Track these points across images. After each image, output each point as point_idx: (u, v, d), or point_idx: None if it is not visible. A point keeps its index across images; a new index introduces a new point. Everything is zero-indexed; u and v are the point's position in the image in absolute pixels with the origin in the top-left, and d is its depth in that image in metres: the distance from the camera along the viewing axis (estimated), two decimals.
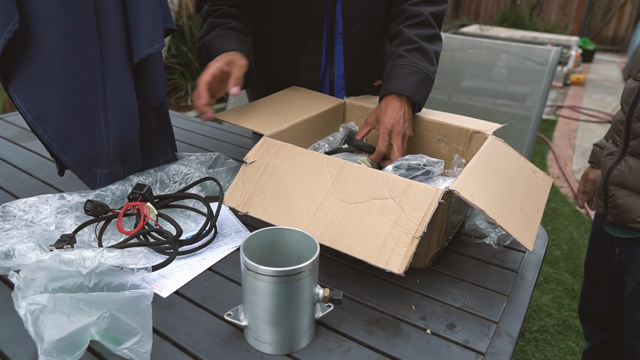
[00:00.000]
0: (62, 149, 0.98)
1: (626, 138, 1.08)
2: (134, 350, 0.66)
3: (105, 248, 0.77)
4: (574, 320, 2.12)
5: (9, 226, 0.84)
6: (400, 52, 1.16)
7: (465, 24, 8.78)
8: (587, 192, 1.37)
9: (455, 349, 0.73)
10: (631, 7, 8.69)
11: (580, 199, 1.40)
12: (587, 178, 1.36)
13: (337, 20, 1.27)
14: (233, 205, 0.90)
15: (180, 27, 4.73)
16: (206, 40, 1.18)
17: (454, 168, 1.07)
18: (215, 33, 1.18)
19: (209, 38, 1.17)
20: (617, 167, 1.10)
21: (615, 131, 1.12)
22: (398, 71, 1.12)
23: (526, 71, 2.18)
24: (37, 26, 0.88)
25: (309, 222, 0.83)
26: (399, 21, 1.23)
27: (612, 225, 1.16)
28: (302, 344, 0.73)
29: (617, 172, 1.10)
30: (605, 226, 1.19)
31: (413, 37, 1.17)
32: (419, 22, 1.20)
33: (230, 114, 1.11)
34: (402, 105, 1.09)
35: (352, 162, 0.88)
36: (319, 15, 1.24)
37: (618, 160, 1.10)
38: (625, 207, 1.08)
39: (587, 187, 1.36)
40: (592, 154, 1.35)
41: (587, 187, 1.36)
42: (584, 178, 1.37)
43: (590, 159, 1.35)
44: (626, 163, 1.08)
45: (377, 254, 0.76)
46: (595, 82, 6.46)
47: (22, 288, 0.70)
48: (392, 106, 1.08)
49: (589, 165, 1.36)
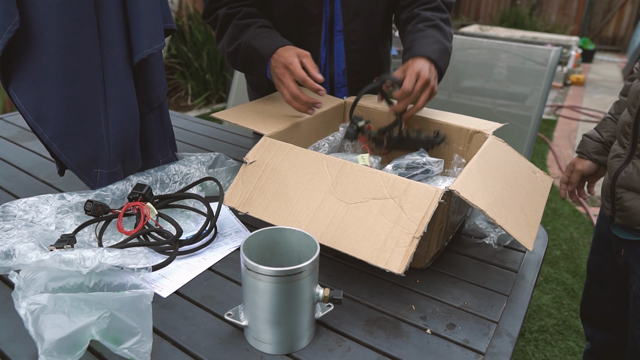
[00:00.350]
0: (62, 149, 0.98)
1: (634, 140, 1.06)
2: (134, 350, 0.66)
3: (105, 248, 0.77)
4: (574, 320, 2.12)
5: (9, 226, 0.84)
6: (419, 27, 1.18)
7: (465, 24, 8.78)
8: (571, 182, 1.33)
9: (455, 349, 0.73)
10: (631, 7, 8.69)
11: (562, 189, 1.36)
12: (574, 168, 1.31)
13: (337, 18, 1.28)
14: (233, 205, 0.90)
15: (180, 27, 4.73)
16: (243, 41, 1.16)
17: (454, 168, 1.07)
18: (252, 33, 1.17)
19: (247, 39, 1.16)
20: (624, 169, 1.08)
21: (623, 133, 1.10)
22: (420, 41, 1.14)
23: (526, 71, 2.18)
24: (38, 26, 0.88)
25: (309, 222, 0.83)
26: (413, 7, 1.26)
27: (620, 228, 1.15)
28: (302, 344, 0.73)
29: (624, 174, 1.08)
30: (613, 228, 1.17)
31: (430, 16, 1.21)
32: (433, 6, 1.25)
33: (230, 113, 1.10)
34: (429, 63, 1.09)
35: (353, 162, 0.88)
36: (316, 13, 1.25)
37: (625, 162, 1.09)
38: (633, 209, 1.07)
39: (572, 177, 1.32)
40: (581, 144, 1.31)
41: (573, 178, 1.32)
42: (570, 168, 1.33)
43: (579, 149, 1.31)
44: (634, 166, 1.06)
45: (377, 254, 0.76)
46: (595, 82, 6.46)
47: (23, 288, 0.71)
48: (419, 60, 1.08)
49: (576, 156, 1.32)
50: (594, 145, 1.27)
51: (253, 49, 1.15)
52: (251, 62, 1.16)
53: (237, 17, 1.21)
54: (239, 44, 1.18)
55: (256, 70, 1.17)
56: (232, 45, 1.20)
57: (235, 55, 1.20)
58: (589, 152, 1.28)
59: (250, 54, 1.16)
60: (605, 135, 1.25)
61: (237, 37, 1.19)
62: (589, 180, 1.34)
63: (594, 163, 1.28)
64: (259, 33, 1.16)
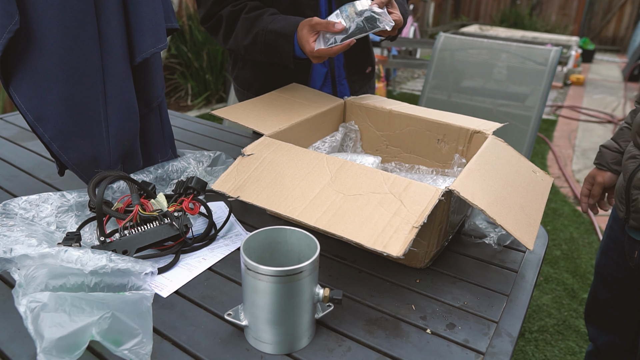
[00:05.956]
0: (62, 149, 0.98)
1: None
2: (135, 352, 0.66)
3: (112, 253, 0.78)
4: (574, 320, 2.12)
5: (12, 222, 0.84)
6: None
7: (465, 24, 8.78)
8: (593, 195, 1.30)
9: (455, 349, 0.73)
10: (631, 7, 8.69)
11: (584, 202, 1.33)
12: (595, 181, 1.28)
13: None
14: (225, 190, 0.86)
15: (180, 27, 4.72)
16: (261, 29, 1.18)
17: (454, 168, 1.07)
18: (267, 20, 1.18)
19: (264, 26, 1.18)
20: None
21: (639, 134, 1.08)
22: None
23: (526, 71, 2.18)
24: (38, 26, 0.88)
25: (304, 208, 0.80)
26: None
27: (634, 229, 1.13)
28: (302, 344, 0.73)
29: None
30: (629, 230, 1.16)
31: None
32: None
33: (229, 111, 1.10)
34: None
35: (352, 161, 0.88)
36: (312, 15, 1.25)
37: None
38: None
39: (594, 190, 1.29)
40: (599, 155, 1.28)
41: (595, 191, 1.29)
42: (590, 181, 1.30)
43: (597, 160, 1.29)
44: None
45: (375, 238, 0.73)
46: (595, 82, 6.46)
47: (23, 285, 0.71)
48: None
49: (595, 167, 1.29)
50: (612, 156, 1.24)
51: (273, 32, 1.16)
52: (274, 47, 1.17)
53: (245, 12, 1.22)
54: (256, 33, 1.19)
55: (281, 52, 1.18)
56: (249, 37, 1.21)
57: (254, 45, 1.21)
58: (608, 164, 1.25)
59: (272, 39, 1.17)
60: (624, 145, 1.22)
61: (251, 28, 1.20)
62: (609, 192, 1.31)
63: (614, 174, 1.25)
64: (273, 19, 1.18)
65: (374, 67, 1.53)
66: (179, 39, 4.71)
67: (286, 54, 1.18)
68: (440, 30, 8.19)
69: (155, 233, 0.90)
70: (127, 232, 0.90)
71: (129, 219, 0.91)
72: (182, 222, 0.92)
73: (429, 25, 8.47)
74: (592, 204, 1.32)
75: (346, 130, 1.24)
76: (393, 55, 5.55)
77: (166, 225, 0.92)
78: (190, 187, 0.99)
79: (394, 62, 5.29)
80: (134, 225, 0.91)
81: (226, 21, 1.24)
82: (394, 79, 5.98)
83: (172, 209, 0.95)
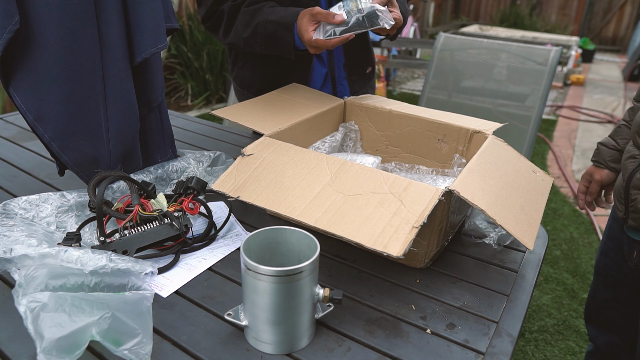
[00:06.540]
0: (62, 149, 0.98)
1: None
2: (135, 352, 0.66)
3: (112, 253, 0.78)
4: (574, 320, 2.12)
5: (12, 222, 0.84)
6: None
7: (465, 24, 8.78)
8: (591, 192, 1.30)
9: (455, 349, 0.73)
10: (631, 7, 8.70)
11: (580, 199, 1.34)
12: (592, 178, 1.29)
13: None
14: (224, 190, 0.87)
15: (180, 27, 4.72)
16: (261, 21, 1.18)
17: (454, 168, 1.07)
18: (266, 12, 1.18)
19: (264, 17, 1.18)
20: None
21: (638, 134, 1.08)
22: None
23: (526, 71, 2.18)
24: (38, 26, 0.88)
25: (304, 208, 0.80)
26: None
27: (633, 230, 1.13)
28: (302, 344, 0.73)
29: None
30: (628, 230, 1.16)
31: None
32: None
33: (229, 111, 1.10)
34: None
35: (353, 162, 0.88)
36: None
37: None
38: None
39: (591, 187, 1.30)
40: (596, 152, 1.29)
41: (592, 188, 1.30)
42: (587, 178, 1.30)
43: (595, 157, 1.29)
44: None
45: (375, 238, 0.73)
46: (595, 82, 6.46)
47: (23, 285, 0.71)
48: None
49: (593, 165, 1.30)
50: (610, 154, 1.24)
51: (274, 23, 1.16)
52: (274, 37, 1.17)
53: (245, 5, 1.22)
54: (256, 24, 1.19)
55: (281, 43, 1.18)
56: (248, 29, 1.21)
57: (254, 37, 1.21)
58: (605, 161, 1.25)
59: (272, 29, 1.17)
60: (622, 142, 1.22)
61: (250, 21, 1.20)
62: (606, 189, 1.31)
63: (611, 172, 1.25)
64: (273, 10, 1.18)
65: (374, 67, 1.52)
66: (179, 39, 4.71)
67: (287, 45, 1.17)
68: (440, 30, 8.19)
69: (155, 233, 0.90)
70: (127, 232, 0.90)
71: (129, 219, 0.91)
72: (182, 222, 0.92)
73: (429, 25, 8.48)
74: (590, 201, 1.33)
75: (346, 130, 1.24)
76: (393, 55, 5.55)
77: (166, 225, 0.92)
78: (190, 187, 0.99)
79: (394, 62, 5.29)
80: (134, 225, 0.91)
81: (227, 16, 1.25)
82: (394, 79, 5.99)
83: (172, 209, 0.95)
